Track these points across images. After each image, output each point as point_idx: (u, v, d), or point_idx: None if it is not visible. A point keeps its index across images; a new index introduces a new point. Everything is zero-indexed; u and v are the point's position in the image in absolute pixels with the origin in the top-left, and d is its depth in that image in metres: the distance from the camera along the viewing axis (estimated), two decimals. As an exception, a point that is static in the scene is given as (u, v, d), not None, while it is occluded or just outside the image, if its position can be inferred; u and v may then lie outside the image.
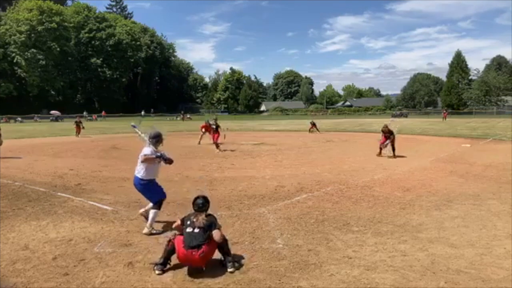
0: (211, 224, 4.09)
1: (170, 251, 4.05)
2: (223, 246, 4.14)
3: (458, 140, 19.74)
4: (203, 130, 18.55)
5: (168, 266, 4.08)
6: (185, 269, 4.11)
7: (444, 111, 54.49)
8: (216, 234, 4.02)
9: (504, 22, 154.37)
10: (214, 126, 16.52)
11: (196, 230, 4.01)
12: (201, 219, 4.10)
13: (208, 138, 17.78)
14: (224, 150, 15.42)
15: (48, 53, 69.44)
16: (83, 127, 25.21)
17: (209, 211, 4.43)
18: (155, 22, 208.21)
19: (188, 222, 4.11)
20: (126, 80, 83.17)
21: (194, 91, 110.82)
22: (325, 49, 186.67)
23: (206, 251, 3.95)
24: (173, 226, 4.43)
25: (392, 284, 3.75)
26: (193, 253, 3.90)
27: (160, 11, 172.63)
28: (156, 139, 5.45)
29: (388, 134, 13.49)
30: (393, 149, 13.42)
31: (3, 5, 72.57)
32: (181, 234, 4.13)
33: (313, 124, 27.86)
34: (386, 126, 13.65)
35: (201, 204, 4.28)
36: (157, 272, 3.99)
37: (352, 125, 38.85)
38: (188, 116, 64.94)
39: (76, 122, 25.49)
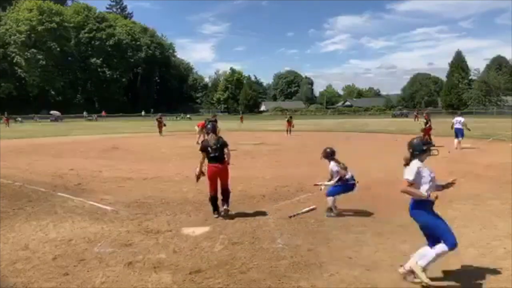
0: (223, 144, 5.75)
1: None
2: (225, 193, 5.99)
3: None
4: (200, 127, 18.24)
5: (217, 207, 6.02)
6: (185, 269, 4.13)
7: (416, 113, 47.57)
8: (227, 150, 5.76)
9: (504, 22, 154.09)
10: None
11: (217, 153, 5.68)
12: (215, 140, 5.69)
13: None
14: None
15: (48, 53, 69.44)
16: (165, 125, 25.00)
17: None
18: (155, 22, 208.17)
19: (209, 149, 5.68)
20: (126, 80, 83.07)
21: (194, 91, 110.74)
22: (325, 49, 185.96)
23: (225, 165, 5.85)
24: (200, 160, 6.04)
25: (392, 284, 3.75)
26: (218, 166, 5.73)
27: (160, 11, 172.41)
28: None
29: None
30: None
31: (3, 5, 72.49)
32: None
33: (291, 118, 25.06)
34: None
35: (211, 127, 5.92)
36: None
37: (352, 125, 38.81)
38: (188, 116, 64.81)
39: (157, 120, 25.49)
